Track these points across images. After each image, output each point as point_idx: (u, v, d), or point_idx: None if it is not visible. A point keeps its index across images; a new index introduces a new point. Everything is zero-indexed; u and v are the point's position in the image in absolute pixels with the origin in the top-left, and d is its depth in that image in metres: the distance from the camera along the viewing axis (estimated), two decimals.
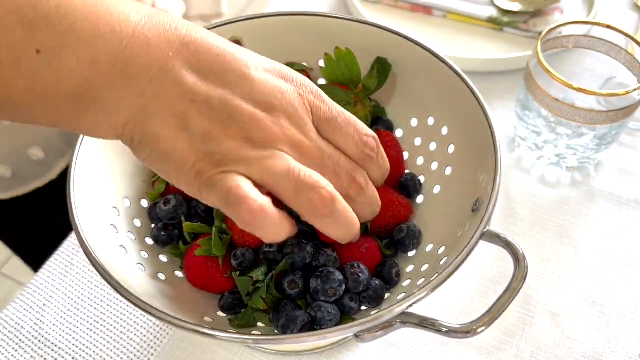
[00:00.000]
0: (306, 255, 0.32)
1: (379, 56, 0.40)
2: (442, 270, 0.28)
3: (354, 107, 0.40)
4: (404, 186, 0.39)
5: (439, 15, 0.61)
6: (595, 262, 0.43)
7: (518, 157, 0.50)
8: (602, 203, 0.46)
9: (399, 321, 0.28)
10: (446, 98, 0.38)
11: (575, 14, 0.60)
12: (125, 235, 0.34)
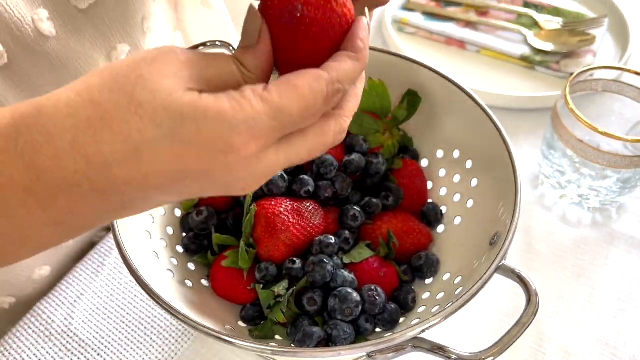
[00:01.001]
0: (326, 274, 0.34)
1: (410, 89, 0.42)
2: (456, 300, 0.29)
3: (382, 135, 0.42)
4: (425, 215, 0.40)
5: (472, 50, 0.62)
6: (611, 304, 0.43)
7: (541, 194, 0.50)
8: (622, 246, 0.47)
9: (411, 345, 0.29)
10: (472, 133, 0.39)
11: (608, 56, 0.61)
12: (158, 242, 0.36)
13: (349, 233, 0.37)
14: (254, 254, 0.36)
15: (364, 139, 0.41)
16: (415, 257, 0.38)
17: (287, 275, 0.35)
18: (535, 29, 0.62)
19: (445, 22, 0.64)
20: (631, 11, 0.64)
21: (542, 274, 0.45)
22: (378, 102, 0.41)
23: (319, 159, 0.38)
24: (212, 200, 0.39)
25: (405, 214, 0.40)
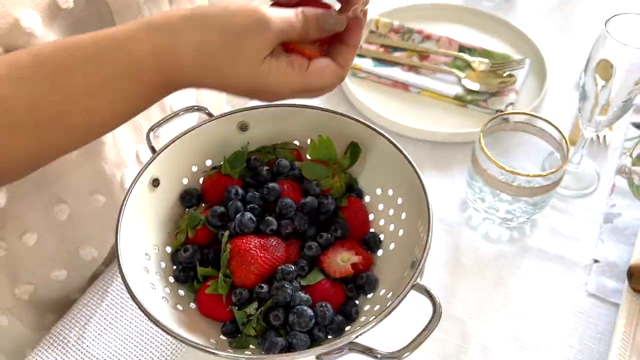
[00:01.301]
0: (287, 295, 0.44)
1: (353, 141, 0.52)
2: (381, 312, 0.40)
3: (331, 179, 0.52)
4: (367, 242, 0.50)
5: (414, 91, 0.73)
6: (522, 306, 0.54)
7: (468, 216, 0.61)
8: (532, 258, 0.57)
9: (348, 348, 0.39)
10: (399, 175, 0.50)
11: (529, 93, 0.72)
12: (154, 276, 0.46)
13: (305, 262, 0.47)
14: (230, 282, 0.45)
15: (316, 183, 0.51)
16: (358, 277, 0.48)
17: (256, 298, 0.45)
18: (468, 71, 0.73)
19: (391, 67, 0.74)
20: (550, 53, 0.76)
21: (467, 283, 0.56)
22: (327, 153, 0.52)
23: (281, 203, 0.48)
24: (195, 239, 0.49)
25: (351, 242, 0.50)
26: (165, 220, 0.50)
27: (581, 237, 0.59)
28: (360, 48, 0.77)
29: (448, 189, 0.63)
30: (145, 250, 0.47)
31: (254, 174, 0.52)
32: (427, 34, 0.78)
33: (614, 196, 0.62)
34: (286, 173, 0.52)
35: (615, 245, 0.58)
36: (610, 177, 0.64)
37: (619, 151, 0.66)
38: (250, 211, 0.48)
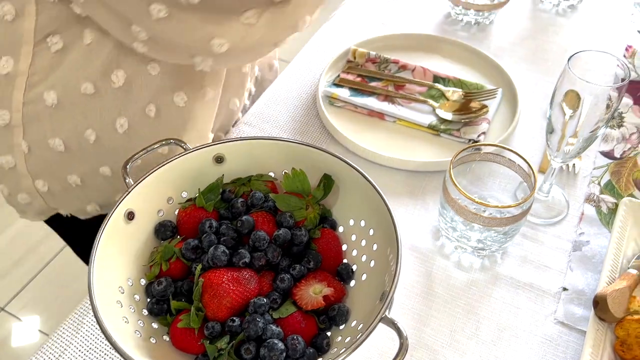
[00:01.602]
0: (258, 329, 0.45)
1: (326, 173, 0.53)
2: (350, 345, 0.40)
3: (305, 210, 0.53)
4: (339, 273, 0.51)
5: (390, 120, 0.74)
6: (492, 334, 0.55)
7: (441, 244, 0.62)
8: (503, 286, 0.59)
9: None
10: (370, 207, 0.51)
11: (500, 123, 0.74)
12: (128, 309, 0.47)
13: (277, 294, 0.48)
14: (203, 315, 0.46)
15: (290, 215, 0.52)
16: (330, 309, 0.49)
17: (228, 331, 0.45)
18: (442, 100, 0.75)
19: (367, 97, 0.76)
20: (522, 82, 0.78)
21: (439, 312, 0.56)
22: (300, 185, 0.53)
23: (254, 235, 0.49)
24: (169, 272, 0.49)
25: (324, 273, 0.51)
26: (140, 253, 0.50)
27: (551, 265, 0.60)
28: (339, 78, 0.79)
29: (422, 218, 0.65)
30: (120, 283, 0.47)
31: (228, 206, 0.53)
32: (402, 64, 0.80)
33: (582, 224, 0.64)
34: (260, 205, 0.53)
35: (584, 273, 0.59)
36: (579, 205, 0.66)
37: (588, 179, 0.68)
38: (224, 244, 0.49)
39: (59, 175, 0.65)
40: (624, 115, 0.76)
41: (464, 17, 0.89)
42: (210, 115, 0.69)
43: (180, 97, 0.64)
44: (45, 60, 0.57)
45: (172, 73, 0.62)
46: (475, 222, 0.56)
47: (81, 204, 0.69)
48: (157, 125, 0.64)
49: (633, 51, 0.85)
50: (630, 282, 0.54)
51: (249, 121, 0.75)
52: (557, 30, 0.89)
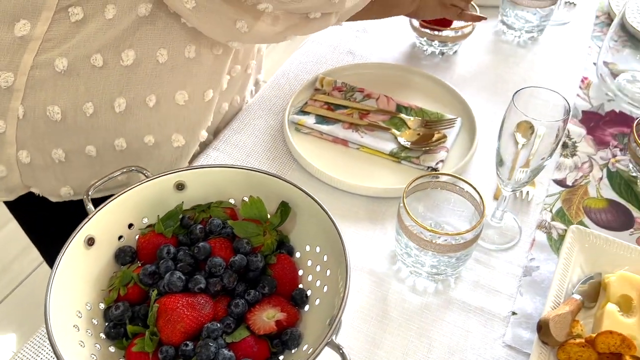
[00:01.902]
0: (210, 354, 0.46)
1: (283, 200, 0.56)
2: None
3: (262, 237, 0.55)
4: (294, 298, 0.53)
5: (353, 147, 0.77)
6: (443, 357, 0.57)
7: (397, 268, 0.64)
8: (455, 310, 0.61)
9: None
10: (325, 233, 0.53)
11: (459, 151, 0.77)
12: (84, 333, 0.48)
13: (232, 319, 0.50)
14: (157, 340, 0.47)
15: (247, 241, 0.54)
16: (284, 333, 0.50)
17: (182, 356, 0.47)
18: (403, 128, 0.78)
19: (332, 124, 0.78)
20: (481, 112, 0.81)
21: (393, 335, 0.58)
22: (257, 212, 0.55)
23: (210, 262, 0.51)
24: (127, 297, 0.51)
25: (279, 298, 0.52)
26: (99, 278, 0.52)
27: (502, 290, 0.62)
28: (306, 105, 0.81)
29: (380, 242, 0.67)
30: (78, 307, 0.49)
31: (187, 233, 0.55)
32: (367, 93, 0.83)
33: (533, 250, 0.66)
34: (218, 231, 0.54)
35: (532, 298, 0.62)
36: (531, 231, 0.68)
37: (541, 206, 0.71)
38: (180, 270, 0.50)
39: (45, 147, 0.65)
40: (577, 145, 0.80)
41: (429, 48, 0.92)
42: (207, 116, 0.73)
43: (181, 95, 0.66)
44: (63, 28, 0.58)
45: (179, 69, 0.65)
46: (427, 248, 0.58)
47: (57, 184, 0.69)
48: (152, 116, 0.66)
49: (588, 82, 0.89)
50: (573, 307, 0.57)
51: (217, 146, 0.78)
52: (517, 62, 0.93)
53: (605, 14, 1.03)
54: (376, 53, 0.94)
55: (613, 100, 0.86)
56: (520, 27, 0.96)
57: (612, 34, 0.87)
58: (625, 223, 0.70)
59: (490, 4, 1.01)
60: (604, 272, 0.62)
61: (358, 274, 0.64)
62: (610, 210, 0.71)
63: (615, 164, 0.77)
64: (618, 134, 0.81)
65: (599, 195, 0.73)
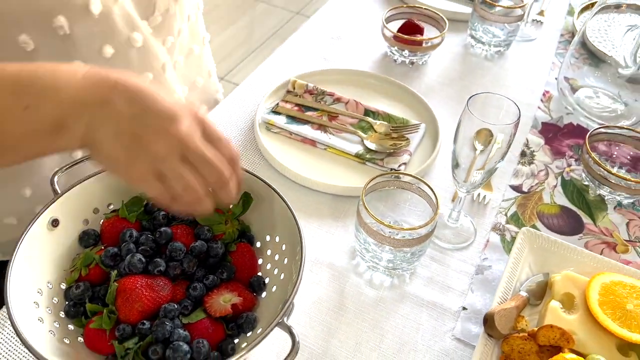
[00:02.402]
0: (166, 332, 0.48)
1: (246, 191, 0.58)
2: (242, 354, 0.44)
3: (224, 225, 0.57)
4: (251, 285, 0.55)
5: (321, 147, 0.79)
6: (394, 347, 0.59)
7: (356, 263, 0.67)
8: (409, 303, 0.63)
9: None
10: (285, 224, 0.55)
11: (422, 154, 0.80)
12: (44, 310, 0.49)
13: (189, 301, 0.51)
14: (115, 318, 0.49)
15: (208, 229, 0.56)
16: (240, 317, 0.52)
17: (138, 333, 0.49)
18: (370, 132, 0.81)
19: (302, 125, 0.81)
20: (445, 119, 0.84)
21: (348, 325, 0.61)
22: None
23: (171, 246, 0.53)
24: (88, 277, 0.52)
25: (237, 284, 0.54)
26: (61, 259, 0.53)
27: (454, 286, 0.65)
28: (277, 106, 0.84)
29: (341, 238, 0.69)
30: (39, 286, 0.50)
31: (150, 218, 0.56)
32: (337, 97, 0.86)
33: (487, 250, 0.69)
34: (181, 218, 0.56)
35: (483, 295, 0.65)
36: (486, 233, 0.71)
37: (497, 210, 0.74)
38: (142, 253, 0.52)
39: None
40: (535, 154, 0.83)
41: (399, 57, 0.96)
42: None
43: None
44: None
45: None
46: (384, 242, 0.61)
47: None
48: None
49: (549, 96, 0.94)
50: (519, 303, 0.60)
51: None
52: (483, 74, 0.97)
53: (570, 32, 1.08)
54: (349, 60, 0.97)
55: (572, 113, 0.91)
56: (488, 41, 1.00)
57: (572, 51, 0.91)
58: (575, 228, 0.73)
59: (460, 18, 1.06)
60: (551, 272, 0.65)
61: (318, 267, 0.66)
62: (562, 216, 0.74)
63: (569, 173, 0.81)
64: (574, 145, 0.85)
65: (552, 201, 0.76)
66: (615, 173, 0.73)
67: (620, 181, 0.73)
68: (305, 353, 0.58)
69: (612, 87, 0.89)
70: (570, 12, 1.12)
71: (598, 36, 0.96)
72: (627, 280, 0.61)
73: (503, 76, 0.97)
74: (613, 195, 0.76)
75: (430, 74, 0.96)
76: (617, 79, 0.87)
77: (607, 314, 0.58)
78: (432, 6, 1.02)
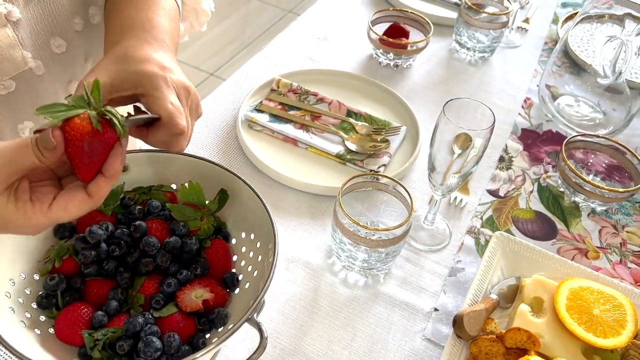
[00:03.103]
0: (137, 325, 0.48)
1: (223, 188, 0.58)
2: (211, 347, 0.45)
3: (200, 221, 0.58)
4: (225, 281, 0.56)
5: (302, 147, 0.80)
6: (365, 346, 0.60)
7: (332, 262, 0.68)
8: (382, 303, 0.64)
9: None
10: (260, 222, 0.56)
11: (402, 156, 0.81)
12: (15, 300, 0.50)
13: (161, 296, 0.52)
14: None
15: (183, 224, 0.56)
16: (211, 312, 0.53)
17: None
18: (351, 133, 0.82)
19: (284, 124, 0.82)
20: (426, 122, 0.85)
21: (320, 323, 0.62)
22: (196, 197, 0.57)
23: (144, 240, 0.53)
24: (62, 269, 0.52)
25: (210, 280, 0.55)
26: (35, 250, 0.54)
27: (427, 288, 0.66)
28: (261, 104, 0.85)
29: (318, 237, 0.70)
30: (11, 276, 0.51)
31: (126, 212, 0.57)
32: (321, 97, 0.86)
33: (461, 253, 0.71)
34: (157, 213, 0.57)
35: (455, 297, 0.66)
36: (461, 235, 0.73)
37: (473, 214, 0.76)
38: (116, 245, 0.53)
39: None
40: (513, 159, 0.85)
41: (384, 60, 0.97)
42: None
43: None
44: None
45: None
46: (359, 243, 0.62)
47: None
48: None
49: (530, 103, 0.95)
50: (488, 306, 0.61)
51: None
52: (466, 79, 0.98)
53: (554, 40, 1.10)
54: (334, 61, 0.98)
55: (551, 120, 0.92)
56: (473, 46, 1.01)
57: (554, 59, 0.93)
58: (549, 234, 0.74)
59: (446, 23, 1.07)
60: (523, 276, 0.66)
61: (294, 266, 0.67)
62: (537, 221, 0.76)
63: (546, 179, 0.82)
64: (552, 152, 0.86)
65: (528, 206, 0.78)
66: (590, 181, 0.75)
67: (594, 189, 0.75)
68: (277, 350, 0.59)
69: (591, 96, 0.90)
70: (554, 21, 1.14)
71: (580, 45, 0.97)
72: (595, 286, 0.63)
73: (486, 82, 0.98)
74: (587, 202, 0.77)
75: (414, 77, 0.97)
76: (597, 88, 0.89)
77: (573, 319, 0.59)
78: (418, 10, 1.03)
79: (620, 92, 0.88)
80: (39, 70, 0.59)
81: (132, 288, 0.53)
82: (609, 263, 0.72)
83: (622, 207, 0.79)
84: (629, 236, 0.75)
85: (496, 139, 0.86)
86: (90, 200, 0.42)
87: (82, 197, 0.42)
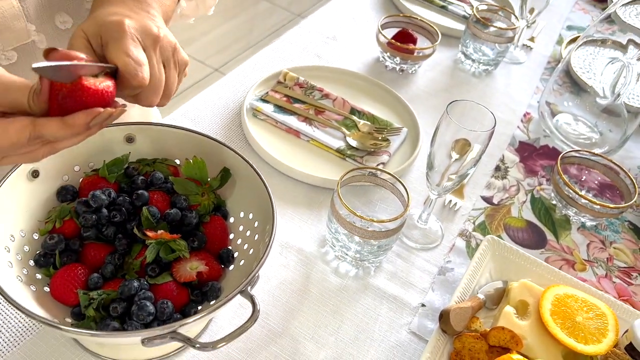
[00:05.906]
0: (132, 289, 0.49)
1: (225, 166, 0.60)
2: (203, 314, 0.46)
3: (200, 197, 0.59)
4: (220, 257, 0.57)
5: (304, 139, 0.82)
6: (351, 334, 0.61)
7: (325, 251, 0.69)
8: (370, 295, 0.65)
9: (170, 337, 0.45)
10: (259, 203, 0.57)
11: (401, 156, 0.82)
12: (14, 256, 0.50)
13: (156, 264, 0.53)
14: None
15: (184, 198, 0.57)
16: (205, 285, 0.54)
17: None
18: (353, 130, 0.83)
19: (288, 115, 0.83)
20: (427, 126, 0.87)
21: (309, 308, 0.62)
22: (198, 173, 0.58)
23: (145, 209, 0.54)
24: (62, 230, 0.53)
25: (206, 254, 0.56)
26: (37, 209, 0.54)
27: (416, 284, 0.67)
28: (267, 94, 0.86)
29: (314, 227, 0.71)
30: (11, 232, 0.51)
31: (129, 182, 0.58)
32: (326, 93, 0.88)
33: (451, 254, 0.72)
34: (159, 185, 0.58)
35: (442, 295, 0.67)
36: (452, 237, 0.74)
37: (466, 217, 0.77)
38: (117, 212, 0.54)
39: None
40: (509, 170, 0.86)
41: (391, 64, 0.99)
42: None
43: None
44: None
45: None
46: (354, 232, 0.63)
47: None
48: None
49: (529, 118, 0.97)
50: (475, 304, 0.62)
51: (174, 118, 0.81)
52: (469, 89, 1.00)
53: (557, 60, 1.12)
54: (342, 60, 1.00)
55: (549, 136, 0.94)
56: (478, 58, 1.03)
57: (556, 78, 0.95)
58: (539, 243, 0.76)
59: (454, 34, 1.09)
60: (510, 280, 0.68)
61: (287, 251, 0.68)
62: (527, 230, 0.77)
63: (539, 191, 0.84)
64: (547, 166, 0.88)
65: (520, 215, 0.79)
66: (583, 195, 0.76)
67: (586, 204, 0.76)
68: (265, 330, 0.60)
69: (589, 115, 0.92)
70: (559, 42, 1.17)
71: (582, 66, 0.99)
72: (580, 294, 0.64)
73: (488, 93, 1.00)
74: (578, 216, 0.79)
75: (418, 83, 0.99)
76: (595, 108, 0.91)
77: (557, 323, 0.61)
78: (427, 19, 1.05)
79: (618, 114, 0.90)
80: (42, 44, 0.59)
81: (129, 255, 0.54)
82: (595, 276, 0.73)
83: (612, 224, 0.81)
84: (616, 252, 0.77)
85: (494, 149, 0.88)
86: (32, 127, 0.39)
87: (25, 122, 0.39)
